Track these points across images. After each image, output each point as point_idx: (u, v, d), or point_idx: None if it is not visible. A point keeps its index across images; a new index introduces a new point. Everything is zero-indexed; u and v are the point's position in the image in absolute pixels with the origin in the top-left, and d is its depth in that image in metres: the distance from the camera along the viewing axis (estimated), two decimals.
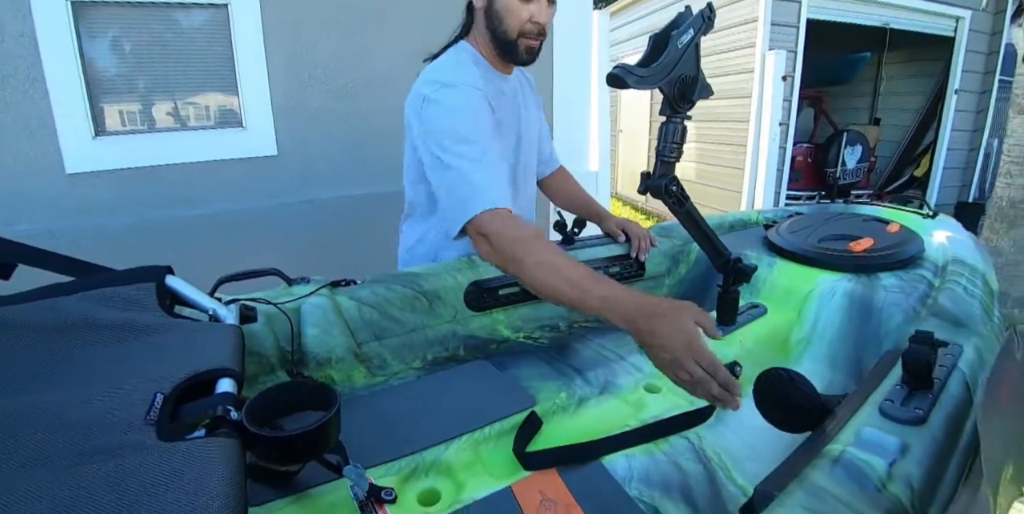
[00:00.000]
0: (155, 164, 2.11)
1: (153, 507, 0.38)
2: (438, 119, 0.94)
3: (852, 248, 1.12)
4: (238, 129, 2.25)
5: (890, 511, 0.43)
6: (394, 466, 0.70)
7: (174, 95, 2.18)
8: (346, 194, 2.44)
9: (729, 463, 0.70)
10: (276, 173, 2.32)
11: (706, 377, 0.63)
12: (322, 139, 2.37)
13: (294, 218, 2.34)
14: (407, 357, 0.98)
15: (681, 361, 0.63)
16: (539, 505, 0.64)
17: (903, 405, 0.57)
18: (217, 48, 2.14)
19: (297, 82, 2.26)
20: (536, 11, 0.97)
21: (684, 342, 0.63)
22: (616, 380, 0.91)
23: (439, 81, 0.97)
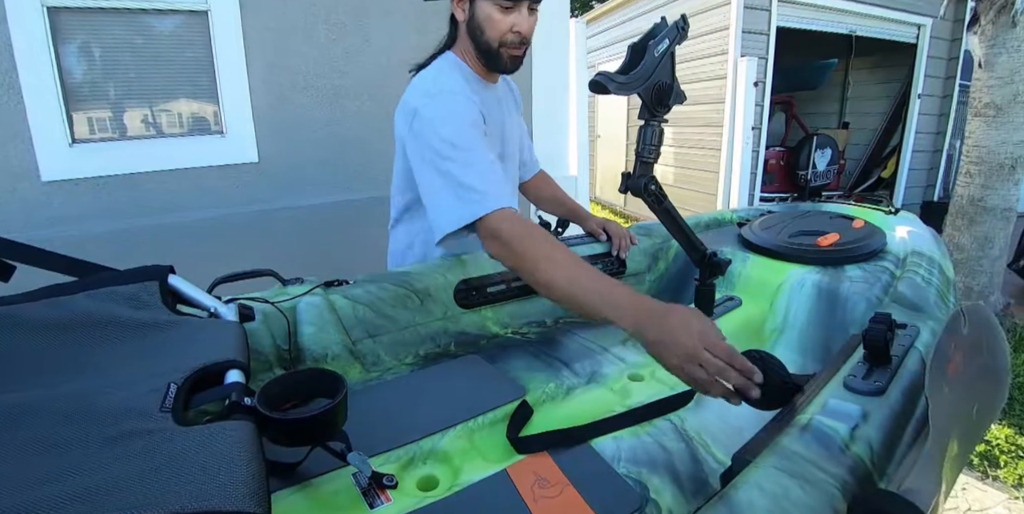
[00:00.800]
0: (133, 172, 2.10)
1: (181, 481, 0.40)
2: (430, 128, 0.93)
3: (820, 243, 1.19)
4: (218, 136, 2.25)
5: (852, 468, 0.48)
6: (393, 455, 0.73)
7: (153, 102, 2.17)
8: (329, 200, 2.45)
9: (709, 441, 0.75)
10: (257, 180, 2.33)
11: (724, 367, 0.61)
12: (304, 145, 2.38)
13: (276, 225, 2.35)
14: (400, 353, 1.01)
15: (695, 354, 0.62)
16: (534, 484, 0.68)
17: (864, 379, 0.62)
18: (197, 55, 2.15)
19: (278, 89, 2.28)
20: (517, 21, 0.99)
21: (698, 333, 0.63)
22: (601, 370, 0.95)
23: (426, 91, 0.98)
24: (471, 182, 0.88)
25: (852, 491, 0.45)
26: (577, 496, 0.65)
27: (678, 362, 0.64)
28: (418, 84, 1.03)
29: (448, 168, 0.90)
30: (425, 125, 0.94)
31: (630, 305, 0.70)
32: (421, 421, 0.79)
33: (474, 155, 0.90)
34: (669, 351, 0.64)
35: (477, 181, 0.88)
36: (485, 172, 0.90)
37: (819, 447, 0.50)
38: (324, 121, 2.39)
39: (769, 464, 0.48)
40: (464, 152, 0.90)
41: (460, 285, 1.08)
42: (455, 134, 0.92)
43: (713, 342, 0.63)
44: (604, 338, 1.06)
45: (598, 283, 0.74)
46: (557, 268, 0.77)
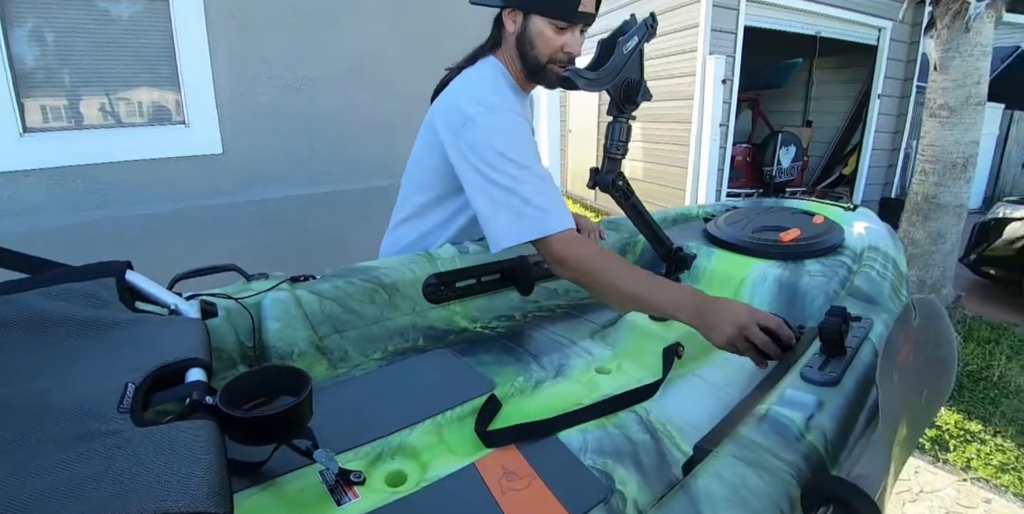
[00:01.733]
0: (90, 163, 2.02)
1: (140, 484, 0.39)
2: (487, 141, 0.94)
3: (781, 238, 1.22)
4: (180, 126, 2.18)
5: (807, 456, 0.50)
6: (360, 451, 0.72)
7: (111, 90, 2.08)
8: (296, 193, 2.40)
9: (673, 431, 0.77)
10: (221, 172, 2.26)
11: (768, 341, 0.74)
12: (270, 137, 2.32)
13: (240, 218, 2.29)
14: (368, 349, 1.00)
15: (746, 326, 0.74)
16: (502, 477, 0.68)
17: (820, 370, 0.64)
18: (157, 41, 2.07)
19: (243, 78, 2.21)
20: (569, 42, 0.98)
21: (746, 311, 0.76)
22: (569, 363, 0.96)
23: (484, 103, 0.97)
24: (533, 199, 0.91)
25: (806, 478, 0.47)
26: (544, 488, 0.66)
27: (729, 332, 0.75)
28: (469, 90, 1.01)
29: (508, 183, 0.92)
30: (481, 136, 0.94)
31: (691, 301, 0.81)
32: (389, 416, 0.79)
33: (533, 173, 0.93)
34: (723, 327, 0.76)
35: (539, 199, 0.92)
36: (546, 191, 0.93)
37: (776, 436, 0.52)
38: (291, 112, 2.34)
39: (728, 453, 0.50)
40: (524, 170, 0.93)
41: (429, 280, 1.08)
42: (515, 151, 0.94)
43: (765, 318, 0.76)
44: (572, 332, 1.08)
45: (663, 289, 0.86)
46: (627, 282, 0.87)
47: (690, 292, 0.83)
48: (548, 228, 0.91)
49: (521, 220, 0.92)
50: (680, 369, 0.93)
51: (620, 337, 1.02)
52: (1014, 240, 3.45)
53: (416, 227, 1.19)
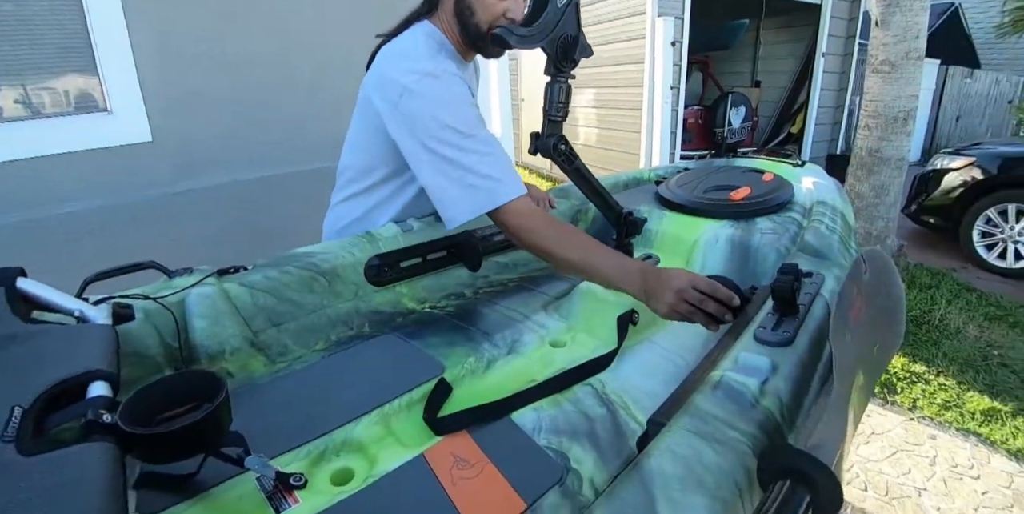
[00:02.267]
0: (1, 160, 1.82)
1: None
2: (428, 110, 0.88)
3: (732, 197, 1.20)
4: (102, 114, 1.98)
5: (762, 422, 0.47)
6: (302, 450, 0.68)
7: (20, 77, 1.86)
8: (236, 179, 2.25)
9: (630, 402, 0.74)
10: (153, 161, 2.08)
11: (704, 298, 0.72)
12: (205, 120, 2.14)
13: (177, 210, 2.13)
14: (309, 340, 0.93)
15: (682, 290, 0.73)
16: (452, 466, 0.64)
17: (774, 330, 0.62)
18: (66, 20, 1.85)
19: (169, 57, 2.02)
20: (511, 7, 0.92)
21: (684, 276, 0.75)
22: (522, 338, 0.92)
23: (420, 70, 0.89)
24: (481, 168, 0.87)
25: (762, 447, 0.44)
26: (497, 474, 0.62)
27: (669, 300, 0.73)
28: (403, 58, 0.93)
29: (453, 155, 0.87)
30: (420, 106, 0.87)
31: (635, 272, 0.79)
32: (333, 411, 0.74)
33: (479, 140, 0.88)
34: (664, 294, 0.74)
35: (487, 167, 0.87)
36: (494, 157, 0.88)
37: (730, 404, 0.49)
38: (225, 93, 2.16)
39: (681, 426, 0.46)
40: (469, 138, 0.88)
41: (371, 262, 1.01)
42: (457, 118, 0.88)
43: (700, 280, 0.74)
44: (525, 305, 1.03)
45: (610, 260, 0.83)
46: (576, 253, 0.84)
47: (636, 264, 0.82)
48: (499, 197, 0.86)
49: (472, 193, 0.87)
50: (635, 336, 0.90)
51: (574, 308, 0.99)
52: (950, 190, 3.60)
53: (360, 203, 1.11)
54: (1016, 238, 3.28)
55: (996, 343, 2.57)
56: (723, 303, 0.73)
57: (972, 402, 2.14)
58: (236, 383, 0.82)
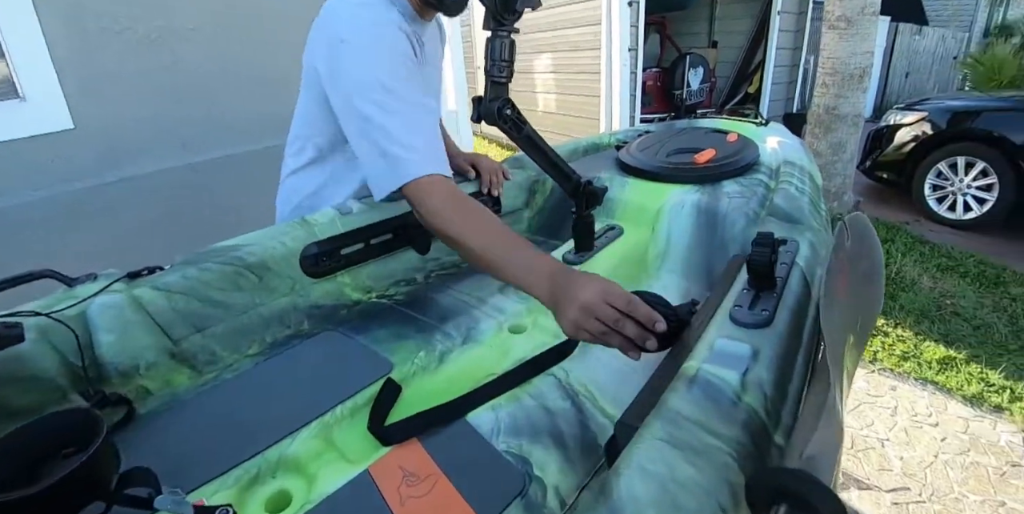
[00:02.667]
0: None
1: None
2: (358, 65, 0.78)
3: (696, 160, 1.13)
4: (15, 101, 1.75)
5: (746, 423, 0.40)
6: (231, 476, 0.59)
7: None
8: (173, 165, 2.05)
9: (596, 393, 0.68)
10: (76, 150, 1.87)
11: (619, 317, 0.56)
12: (132, 103, 1.93)
13: (111, 202, 1.93)
14: (240, 344, 0.83)
15: (590, 305, 0.57)
16: (401, 483, 0.56)
17: (751, 309, 0.55)
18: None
19: (84, 35, 1.78)
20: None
21: (595, 287, 0.58)
22: (478, 326, 0.84)
23: (355, 18, 0.80)
24: (400, 136, 0.77)
25: (747, 454, 0.38)
26: (450, 489, 0.55)
27: (573, 316, 0.58)
28: (341, 8, 0.82)
29: (376, 115, 0.77)
30: (352, 56, 0.79)
31: (545, 276, 0.64)
32: (268, 425, 0.66)
33: (406, 102, 0.79)
34: (568, 309, 0.59)
35: (407, 135, 0.77)
36: (417, 125, 0.79)
37: (708, 403, 0.42)
38: (152, 71, 1.94)
39: (653, 435, 0.39)
40: (395, 97, 0.78)
41: (307, 251, 0.90)
42: (386, 74, 0.78)
43: (614, 294, 0.58)
44: (480, 288, 0.95)
45: (520, 259, 0.68)
46: (483, 247, 0.70)
47: (548, 264, 0.65)
48: (407, 172, 0.76)
49: (389, 163, 0.77)
50: None
51: None
52: (902, 145, 3.65)
53: (313, 176, 1.01)
54: (965, 190, 3.36)
55: (949, 293, 2.65)
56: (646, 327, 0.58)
57: (929, 352, 2.20)
58: (157, 401, 0.72)
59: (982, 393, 1.93)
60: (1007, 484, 1.54)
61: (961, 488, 1.53)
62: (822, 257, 0.76)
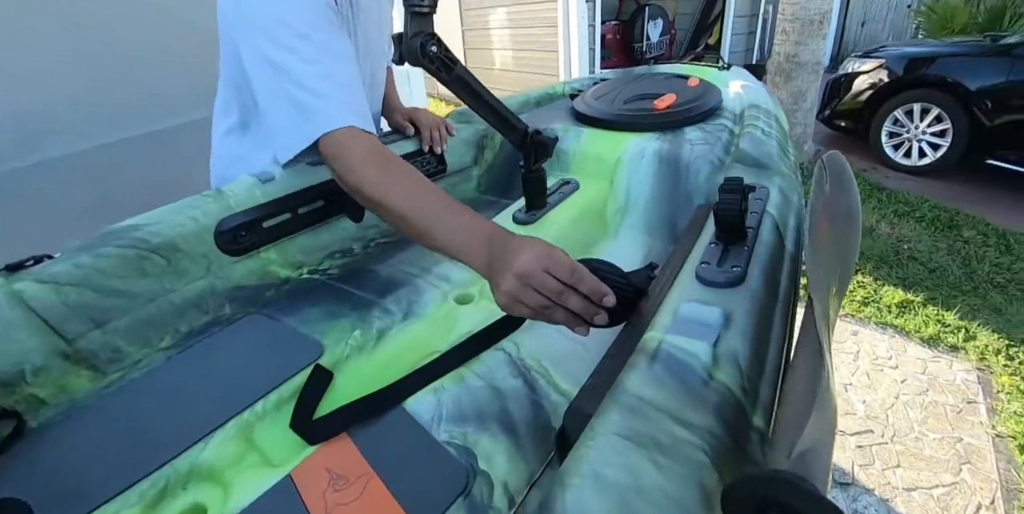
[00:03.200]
0: None
1: None
2: (265, 7, 0.68)
3: (656, 106, 1.04)
4: None
5: (719, 406, 0.33)
6: (134, 493, 0.51)
7: None
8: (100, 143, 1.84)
9: (550, 367, 0.60)
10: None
11: (562, 289, 0.48)
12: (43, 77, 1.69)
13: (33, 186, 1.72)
14: (150, 338, 0.72)
15: (527, 274, 0.48)
16: (327, 488, 0.48)
17: (720, 266, 0.48)
18: None
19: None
20: None
21: (533, 255, 0.49)
22: (421, 299, 0.76)
23: None
24: (311, 83, 0.68)
25: (722, 446, 0.30)
26: (383, 491, 0.47)
27: (508, 287, 0.49)
28: None
29: (285, 60, 0.68)
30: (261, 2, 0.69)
31: (484, 236, 0.55)
32: (176, 431, 0.57)
33: (319, 47, 0.69)
34: (502, 278, 0.50)
35: (319, 83, 0.68)
36: (334, 75, 0.69)
37: (674, 384, 0.35)
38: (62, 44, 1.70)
39: (610, 429, 0.32)
40: (307, 41, 0.68)
41: (222, 226, 0.78)
42: (298, 15, 0.68)
43: (556, 261, 0.49)
44: (424, 257, 0.86)
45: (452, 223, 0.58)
46: (409, 209, 0.60)
47: (485, 229, 0.57)
48: (320, 124, 0.67)
49: (300, 115, 0.68)
50: None
51: None
52: (860, 93, 3.63)
53: (242, 139, 0.89)
54: (920, 136, 3.39)
55: (906, 238, 2.68)
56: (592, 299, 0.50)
57: (888, 296, 2.23)
58: (52, 411, 0.62)
59: (939, 334, 1.97)
60: (963, 421, 1.58)
61: (921, 427, 1.56)
62: (794, 204, 0.69)
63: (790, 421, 0.27)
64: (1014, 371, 1.76)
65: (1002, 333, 1.95)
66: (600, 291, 0.49)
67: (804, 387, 0.29)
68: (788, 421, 0.28)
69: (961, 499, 1.33)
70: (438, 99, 6.18)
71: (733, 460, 0.31)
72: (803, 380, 0.30)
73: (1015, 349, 1.86)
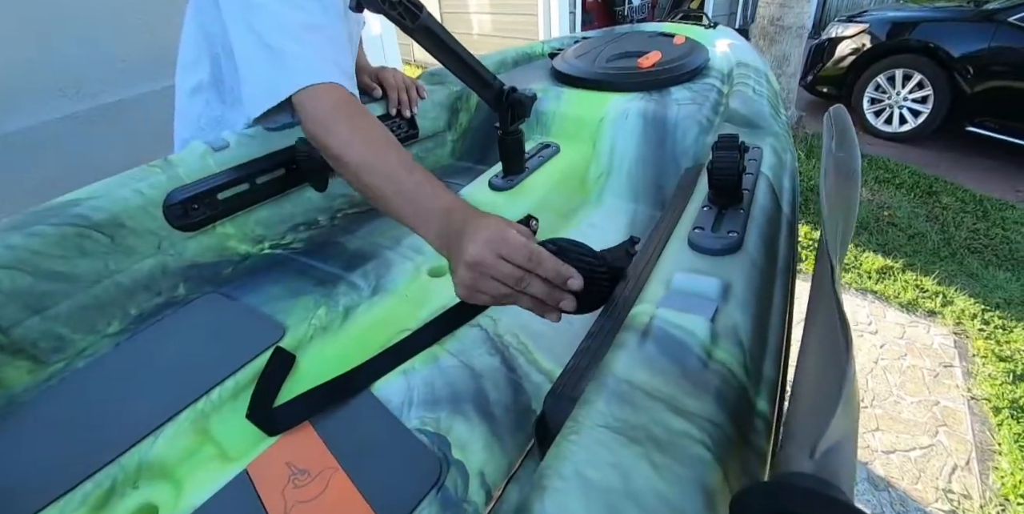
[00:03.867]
0: None
1: None
2: None
3: (641, 64, 0.98)
4: None
5: (721, 390, 0.29)
6: (77, 494, 0.46)
7: None
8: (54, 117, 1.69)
9: (530, 343, 0.56)
10: None
11: (521, 275, 0.44)
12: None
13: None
14: (96, 323, 0.66)
15: (480, 262, 0.43)
16: (287, 484, 0.44)
17: (715, 231, 0.43)
18: None
19: None
20: None
21: (485, 236, 0.44)
22: (391, 272, 0.70)
23: None
24: (300, 33, 0.63)
25: (726, 437, 0.26)
26: (348, 486, 0.43)
27: (464, 277, 0.45)
28: None
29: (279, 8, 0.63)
30: None
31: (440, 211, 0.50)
32: (125, 423, 0.52)
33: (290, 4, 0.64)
34: (457, 263, 0.46)
35: (308, 34, 0.64)
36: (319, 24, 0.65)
37: (670, 366, 0.30)
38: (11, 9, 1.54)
39: (596, 420, 0.27)
40: None
41: (171, 199, 0.71)
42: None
43: (511, 245, 0.44)
44: (394, 227, 0.80)
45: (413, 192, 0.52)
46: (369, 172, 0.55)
47: (443, 202, 0.51)
48: (301, 75, 0.61)
49: (275, 65, 0.63)
50: None
51: None
52: (842, 58, 3.59)
53: (212, 98, 0.81)
54: (901, 103, 3.37)
55: (886, 204, 2.69)
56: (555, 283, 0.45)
57: (868, 262, 2.24)
58: None
59: (917, 299, 1.99)
60: (940, 384, 1.60)
61: (899, 391, 1.58)
62: (788, 165, 0.64)
63: (808, 413, 0.23)
64: (989, 335, 1.79)
65: (978, 298, 1.97)
66: (562, 274, 0.44)
67: (822, 373, 0.25)
68: (806, 413, 0.23)
69: (937, 460, 1.35)
70: (415, 66, 5.96)
71: (737, 453, 0.27)
72: (820, 365, 0.25)
73: (990, 313, 1.89)
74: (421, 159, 1.06)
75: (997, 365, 1.66)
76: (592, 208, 0.84)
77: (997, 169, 3.05)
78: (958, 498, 1.26)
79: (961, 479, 1.31)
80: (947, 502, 1.25)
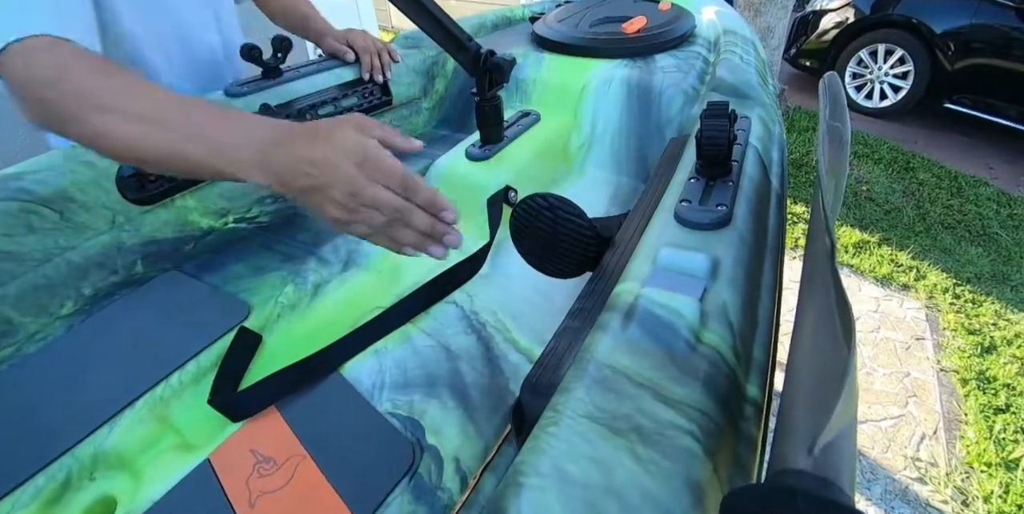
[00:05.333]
0: None
1: None
2: None
3: (625, 29, 0.93)
4: None
5: (710, 376, 0.27)
6: (28, 489, 0.44)
7: None
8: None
9: (508, 321, 0.54)
10: None
11: (406, 205, 0.38)
12: None
13: None
14: (47, 304, 0.62)
15: (355, 188, 0.36)
16: (251, 474, 0.42)
17: (703, 204, 0.41)
18: None
19: None
20: None
21: (350, 161, 0.37)
22: (363, 246, 0.67)
23: None
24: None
25: (716, 427, 0.24)
26: (316, 475, 0.40)
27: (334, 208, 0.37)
28: None
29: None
30: None
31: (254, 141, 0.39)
32: (79, 412, 0.49)
33: None
34: (316, 198, 0.37)
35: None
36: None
37: (656, 350, 0.28)
38: None
39: (576, 410, 0.25)
40: None
41: (125, 170, 0.66)
42: None
43: (377, 162, 0.37)
44: None
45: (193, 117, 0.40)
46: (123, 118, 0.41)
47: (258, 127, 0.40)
48: None
49: None
50: None
51: None
52: (826, 32, 3.55)
53: None
54: (882, 78, 3.36)
55: (864, 179, 2.71)
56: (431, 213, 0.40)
57: (845, 236, 2.26)
58: None
59: (891, 274, 2.02)
60: (911, 356, 1.64)
61: (872, 363, 1.62)
62: (776, 136, 0.62)
63: (806, 405, 0.21)
64: (959, 309, 1.83)
65: (950, 272, 2.01)
66: (438, 204, 0.39)
67: (820, 361, 0.23)
68: (803, 405, 0.22)
69: (907, 430, 1.39)
70: (393, 32, 5.75)
71: (727, 443, 0.25)
72: (817, 351, 0.23)
73: (961, 288, 1.93)
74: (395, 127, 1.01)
75: (966, 338, 1.70)
76: (575, 179, 0.81)
77: (972, 146, 3.09)
78: (925, 466, 1.30)
79: (929, 448, 1.35)
80: (915, 470, 1.30)
